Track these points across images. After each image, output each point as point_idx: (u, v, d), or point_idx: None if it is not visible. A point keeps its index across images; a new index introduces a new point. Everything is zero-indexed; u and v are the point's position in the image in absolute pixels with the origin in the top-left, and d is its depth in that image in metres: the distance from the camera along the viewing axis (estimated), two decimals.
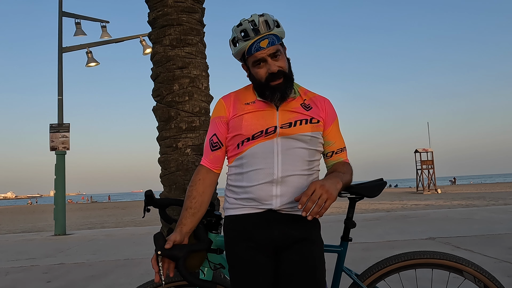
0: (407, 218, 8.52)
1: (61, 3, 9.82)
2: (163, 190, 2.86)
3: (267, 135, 1.59)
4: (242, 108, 1.65)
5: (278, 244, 1.56)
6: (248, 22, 1.60)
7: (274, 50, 1.59)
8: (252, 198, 1.58)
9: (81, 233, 9.61)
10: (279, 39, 1.61)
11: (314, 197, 1.38)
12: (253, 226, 1.57)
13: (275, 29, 1.60)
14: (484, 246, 5.05)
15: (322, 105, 1.70)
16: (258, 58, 1.59)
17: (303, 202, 1.38)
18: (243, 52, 1.63)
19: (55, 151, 9.43)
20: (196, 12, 2.97)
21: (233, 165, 1.67)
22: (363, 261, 4.36)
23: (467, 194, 26.60)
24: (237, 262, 1.57)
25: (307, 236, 1.57)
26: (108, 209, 31.81)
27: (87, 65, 10.56)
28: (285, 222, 1.56)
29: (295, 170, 1.57)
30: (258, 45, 1.57)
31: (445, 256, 1.70)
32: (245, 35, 1.59)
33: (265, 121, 1.60)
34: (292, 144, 1.59)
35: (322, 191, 1.38)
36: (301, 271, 1.51)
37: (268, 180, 1.56)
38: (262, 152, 1.58)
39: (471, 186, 45.91)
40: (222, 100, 1.72)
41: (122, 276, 4.50)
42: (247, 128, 1.61)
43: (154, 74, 2.92)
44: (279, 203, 1.55)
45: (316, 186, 1.40)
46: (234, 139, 1.65)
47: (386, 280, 1.79)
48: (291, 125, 1.60)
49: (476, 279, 1.67)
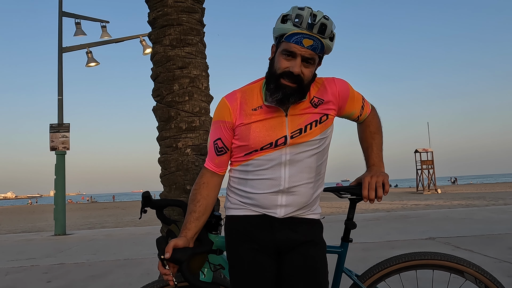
0: (407, 218, 8.52)
1: (61, 3, 9.81)
2: (163, 190, 2.86)
3: (276, 146, 1.53)
4: (249, 114, 1.56)
5: (281, 247, 1.55)
6: (310, 12, 1.47)
7: (310, 56, 1.47)
8: (255, 204, 1.57)
9: (81, 233, 9.61)
10: (322, 50, 1.49)
11: (372, 185, 1.57)
12: (256, 227, 1.56)
13: (327, 39, 1.49)
14: (484, 246, 5.05)
15: (332, 89, 1.61)
16: (291, 50, 1.47)
17: (366, 195, 1.56)
18: (283, 34, 1.49)
19: (55, 151, 9.42)
20: (196, 12, 2.97)
21: (238, 169, 1.62)
22: (363, 261, 4.35)
23: (467, 194, 26.59)
24: (239, 262, 1.56)
25: (310, 238, 1.57)
26: (108, 209, 31.81)
27: (87, 65, 10.55)
28: (288, 227, 1.55)
29: (302, 180, 1.55)
30: (301, 39, 1.45)
31: (446, 257, 1.70)
32: (298, 21, 1.46)
33: (274, 132, 1.53)
34: (301, 151, 1.55)
35: (376, 179, 1.58)
36: (303, 273, 1.51)
37: (274, 191, 1.53)
38: (270, 163, 1.54)
39: (471, 186, 45.90)
40: (226, 101, 1.60)
41: (122, 276, 4.50)
42: (255, 140, 1.54)
43: (154, 74, 2.91)
44: (283, 213, 1.54)
45: (368, 179, 1.59)
46: (240, 148, 1.58)
47: (386, 280, 1.79)
48: (301, 132, 1.53)
49: (477, 280, 1.66)
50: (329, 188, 1.72)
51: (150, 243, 6.65)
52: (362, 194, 1.59)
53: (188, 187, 2.67)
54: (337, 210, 16.22)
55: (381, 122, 1.80)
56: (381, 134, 1.77)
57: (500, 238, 5.57)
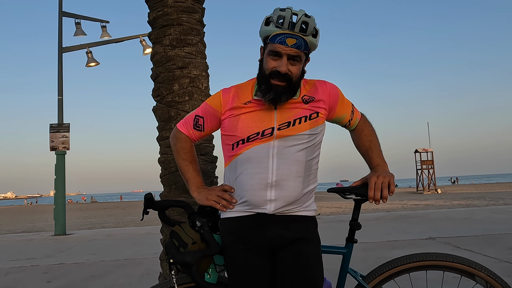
0: (407, 218, 8.52)
1: (61, 3, 9.81)
2: (163, 190, 2.85)
3: (263, 137, 1.56)
4: (240, 107, 1.62)
5: (273, 245, 1.56)
6: (291, 12, 1.53)
7: (295, 53, 1.53)
8: (245, 202, 1.58)
9: (81, 233, 9.61)
10: (306, 47, 1.54)
11: (378, 185, 1.59)
12: (248, 228, 1.57)
13: (310, 36, 1.54)
14: (484, 246, 5.05)
15: (323, 89, 1.67)
16: (276, 50, 1.53)
17: (372, 196, 1.58)
18: (268, 36, 1.56)
19: (55, 151, 9.42)
20: (196, 12, 2.97)
21: (228, 168, 1.66)
22: (363, 261, 4.35)
23: (467, 194, 26.59)
24: (234, 264, 1.57)
25: (302, 235, 1.57)
26: (108, 209, 31.82)
27: (87, 65, 10.55)
28: (280, 224, 1.56)
29: (290, 174, 1.55)
30: (284, 39, 1.51)
31: (458, 259, 1.68)
32: (280, 22, 1.52)
33: (261, 123, 1.57)
34: (289, 145, 1.56)
35: (382, 179, 1.60)
36: (295, 271, 1.51)
37: (262, 185, 1.54)
38: (257, 156, 1.56)
39: (471, 186, 45.90)
40: (221, 93, 1.69)
41: (122, 276, 4.50)
42: (242, 129, 1.58)
43: (154, 74, 2.92)
44: (273, 208, 1.54)
45: (374, 179, 1.61)
46: (229, 138, 1.63)
47: (387, 281, 1.78)
48: (289, 125, 1.56)
49: (488, 284, 1.64)
50: (334, 188, 1.74)
51: (150, 243, 6.66)
52: (368, 195, 1.60)
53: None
54: (337, 210, 16.22)
55: (375, 128, 1.83)
56: (377, 137, 1.81)
57: (500, 238, 5.57)
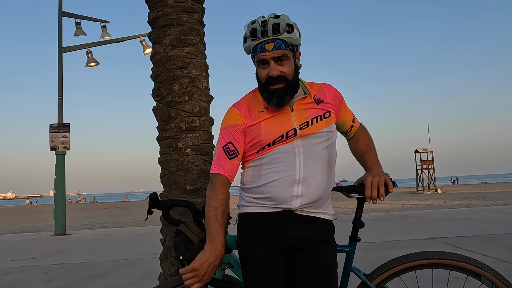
0: (407, 218, 8.52)
1: (61, 3, 9.81)
2: (163, 190, 2.86)
3: (288, 138, 1.60)
4: (257, 116, 1.65)
5: (293, 245, 1.57)
6: (259, 22, 1.59)
7: (279, 54, 1.58)
8: (270, 197, 1.58)
9: (81, 233, 9.61)
10: (287, 44, 1.58)
11: (374, 184, 1.62)
12: (270, 225, 1.58)
13: (285, 34, 1.58)
14: (484, 246, 5.05)
15: (329, 92, 1.74)
16: (261, 59, 1.60)
17: (369, 195, 1.61)
18: (250, 51, 1.64)
19: (55, 151, 9.43)
20: (196, 12, 2.97)
21: (252, 165, 1.65)
22: (363, 261, 4.36)
23: (467, 194, 26.59)
24: (251, 259, 1.57)
25: (322, 238, 1.59)
26: (108, 209, 31.82)
27: (87, 65, 10.55)
28: (302, 224, 1.57)
29: (316, 171, 1.60)
30: (263, 46, 1.57)
31: (465, 259, 1.68)
32: (253, 35, 1.60)
33: (283, 125, 1.61)
34: (312, 143, 1.61)
35: (378, 178, 1.63)
36: (314, 272, 1.52)
37: (290, 181, 1.56)
38: (284, 155, 1.59)
39: (471, 186, 45.90)
40: (235, 109, 1.69)
41: (122, 276, 4.50)
42: (266, 134, 1.61)
43: (154, 74, 2.92)
44: (299, 204, 1.56)
45: (370, 179, 1.64)
46: (253, 146, 1.64)
47: (391, 279, 1.78)
48: (308, 124, 1.62)
49: (493, 284, 1.64)
50: (337, 187, 1.76)
51: (150, 243, 6.66)
52: (365, 194, 1.63)
53: (188, 187, 2.67)
54: (337, 210, 16.23)
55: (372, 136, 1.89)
56: (374, 144, 1.87)
57: (500, 238, 5.57)
